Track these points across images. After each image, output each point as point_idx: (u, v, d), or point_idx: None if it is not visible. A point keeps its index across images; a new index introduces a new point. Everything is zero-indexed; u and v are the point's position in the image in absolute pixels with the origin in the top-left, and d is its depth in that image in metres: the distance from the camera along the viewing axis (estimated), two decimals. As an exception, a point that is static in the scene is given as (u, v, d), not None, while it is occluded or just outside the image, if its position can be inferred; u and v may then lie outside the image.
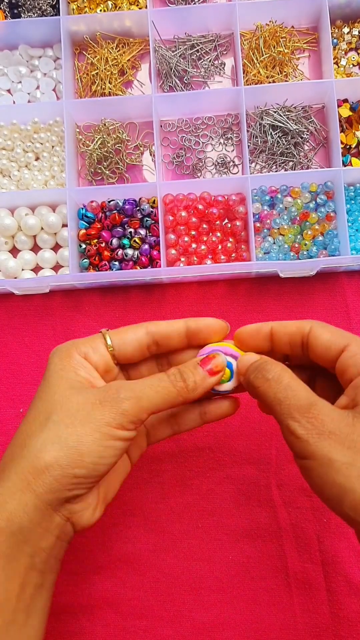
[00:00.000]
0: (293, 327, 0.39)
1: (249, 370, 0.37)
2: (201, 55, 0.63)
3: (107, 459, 0.35)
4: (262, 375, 0.36)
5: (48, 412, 0.36)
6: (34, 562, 0.34)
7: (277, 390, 0.35)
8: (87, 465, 0.34)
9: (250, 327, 0.40)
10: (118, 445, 0.35)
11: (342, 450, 0.32)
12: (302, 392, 0.35)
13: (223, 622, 0.51)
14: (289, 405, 0.34)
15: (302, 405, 0.34)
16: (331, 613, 0.50)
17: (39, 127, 0.61)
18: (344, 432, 0.32)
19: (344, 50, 0.62)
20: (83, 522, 0.37)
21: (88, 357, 0.39)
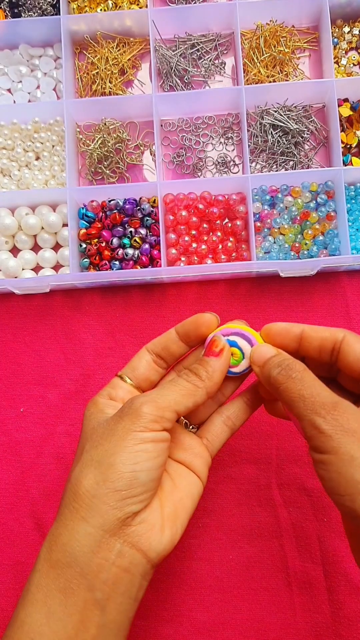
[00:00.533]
0: (326, 332, 0.39)
1: (269, 364, 0.38)
2: (201, 55, 0.63)
3: (144, 463, 0.34)
4: (287, 372, 0.36)
5: (82, 447, 0.37)
6: (95, 597, 0.32)
7: (302, 388, 0.35)
8: (124, 476, 0.33)
9: (280, 326, 0.40)
10: (149, 448, 0.34)
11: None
12: (326, 391, 0.35)
13: (223, 622, 0.51)
14: (313, 402, 0.34)
15: (327, 402, 0.34)
16: (332, 612, 0.50)
17: (40, 127, 0.61)
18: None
19: (345, 50, 0.62)
20: (152, 545, 0.34)
21: (112, 396, 0.40)
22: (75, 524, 0.33)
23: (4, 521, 0.54)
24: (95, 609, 0.32)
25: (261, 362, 0.39)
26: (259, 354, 0.39)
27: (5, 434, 0.56)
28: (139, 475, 0.34)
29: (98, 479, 0.33)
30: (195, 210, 0.58)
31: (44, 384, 0.57)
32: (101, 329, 0.58)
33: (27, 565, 0.53)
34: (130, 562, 0.33)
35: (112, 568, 0.33)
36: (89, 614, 0.32)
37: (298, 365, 0.37)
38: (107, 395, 0.41)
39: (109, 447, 0.34)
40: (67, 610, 0.32)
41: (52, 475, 0.55)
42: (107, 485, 0.33)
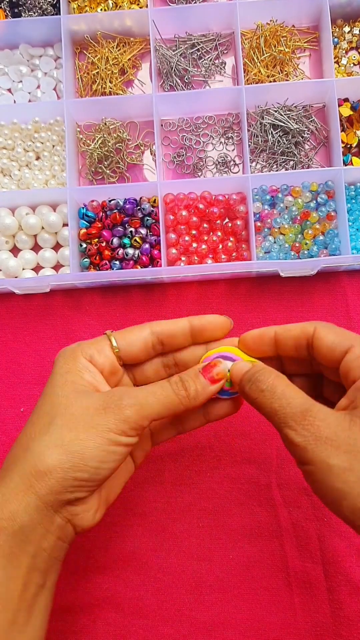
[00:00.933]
0: (297, 330, 0.39)
1: (242, 380, 0.37)
2: (202, 55, 0.63)
3: (109, 464, 0.36)
4: (256, 386, 0.36)
5: (51, 416, 0.36)
6: (35, 562, 0.35)
7: (272, 400, 0.35)
8: (89, 470, 0.35)
9: (254, 333, 0.40)
10: (120, 451, 0.36)
11: (339, 455, 0.32)
12: (296, 399, 0.35)
13: (223, 622, 0.51)
14: (284, 414, 0.34)
15: (297, 412, 0.34)
16: (332, 612, 0.50)
17: (40, 127, 0.61)
18: (341, 437, 0.32)
19: (345, 50, 0.62)
20: (84, 523, 0.37)
21: (93, 359, 0.39)
22: (26, 496, 0.34)
23: (4, 521, 0.54)
24: (35, 572, 0.35)
25: (237, 380, 0.38)
26: (236, 371, 0.39)
27: (5, 434, 0.56)
28: (101, 472, 0.35)
29: (64, 465, 0.34)
30: (195, 210, 0.58)
31: (44, 384, 0.56)
32: (101, 329, 0.58)
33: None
34: (65, 534, 0.36)
35: (51, 537, 0.35)
36: (31, 578, 0.35)
37: (266, 376, 0.36)
38: (89, 357, 0.39)
39: (83, 438, 0.35)
40: (10, 575, 0.34)
41: (53, 475, 0.55)
42: (69, 472, 0.34)
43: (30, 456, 0.35)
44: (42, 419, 0.36)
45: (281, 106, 0.60)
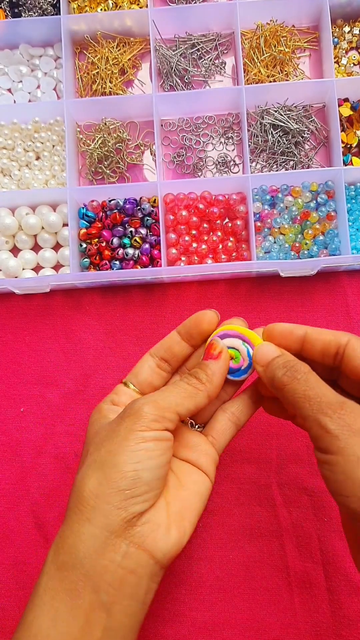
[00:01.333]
0: (330, 336, 0.38)
1: (273, 365, 0.37)
2: (202, 55, 0.63)
3: (146, 462, 0.34)
4: (292, 373, 0.36)
5: (85, 452, 0.37)
6: (100, 600, 0.32)
7: (307, 388, 0.35)
8: (127, 475, 0.33)
9: (283, 327, 0.40)
10: (151, 447, 0.34)
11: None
12: (331, 392, 0.35)
13: (223, 622, 0.51)
14: (319, 402, 0.34)
15: (333, 402, 0.34)
16: (332, 612, 0.50)
17: (40, 127, 0.61)
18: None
19: (345, 50, 0.62)
20: (159, 546, 0.34)
21: (115, 402, 0.40)
22: (80, 525, 0.33)
23: (4, 521, 0.54)
24: (100, 612, 0.32)
25: (265, 362, 0.38)
26: (262, 353, 0.39)
27: (5, 434, 0.56)
28: (141, 474, 0.33)
29: (101, 479, 0.33)
30: (195, 210, 0.58)
31: (44, 384, 0.57)
32: (101, 329, 0.58)
33: (27, 564, 0.53)
34: (137, 564, 0.33)
35: (118, 569, 0.32)
36: (94, 617, 0.32)
37: (303, 367, 0.36)
38: (110, 402, 0.40)
39: (111, 448, 0.34)
40: (73, 612, 0.32)
41: (52, 475, 0.55)
42: (110, 485, 0.33)
43: (74, 489, 0.34)
44: (81, 461, 0.37)
45: (281, 106, 0.60)
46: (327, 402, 0.34)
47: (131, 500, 0.33)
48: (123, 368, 0.57)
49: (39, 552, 0.53)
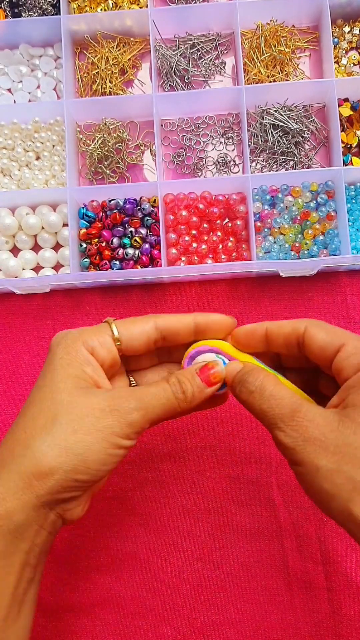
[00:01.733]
0: (288, 327, 0.38)
1: (234, 382, 0.37)
2: (202, 55, 0.63)
3: (110, 466, 0.35)
4: (246, 387, 0.36)
5: (53, 413, 0.35)
6: (28, 558, 0.35)
7: (261, 402, 0.35)
8: (90, 472, 0.34)
9: (246, 328, 0.40)
10: (121, 453, 0.36)
11: (327, 456, 0.31)
12: (285, 399, 0.34)
13: (223, 622, 0.51)
14: (273, 415, 0.34)
15: (285, 413, 0.34)
16: (332, 612, 0.50)
17: (40, 127, 0.61)
18: (329, 437, 0.32)
19: (345, 50, 0.62)
20: (73, 517, 0.37)
21: (95, 351, 0.38)
22: (24, 495, 0.33)
23: (4, 521, 0.54)
24: (28, 568, 0.35)
25: (229, 382, 0.38)
26: (229, 372, 0.38)
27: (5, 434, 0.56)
28: (100, 474, 0.35)
29: (65, 467, 0.34)
30: (195, 210, 0.58)
31: (44, 384, 0.57)
32: (101, 329, 0.58)
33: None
34: (55, 528, 0.36)
35: (44, 533, 0.35)
36: (24, 574, 0.35)
37: (256, 376, 0.36)
38: (91, 348, 0.37)
39: (88, 441, 0.34)
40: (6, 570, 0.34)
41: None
42: (70, 474, 0.34)
43: (30, 454, 0.34)
44: (43, 415, 0.35)
45: (281, 106, 0.60)
46: (280, 415, 0.34)
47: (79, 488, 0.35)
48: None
49: None
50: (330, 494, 0.31)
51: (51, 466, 0.33)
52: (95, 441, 0.34)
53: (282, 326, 0.38)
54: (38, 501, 0.34)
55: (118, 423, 0.35)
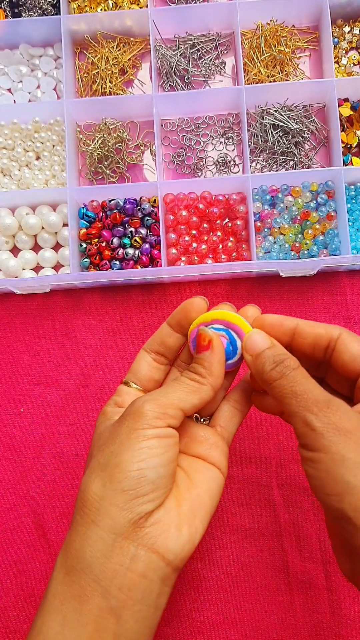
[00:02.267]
0: (321, 329, 0.38)
1: (263, 357, 0.36)
2: (202, 55, 0.63)
3: (150, 461, 0.33)
4: (280, 369, 0.35)
5: (90, 456, 0.36)
6: (110, 605, 0.31)
7: (294, 384, 0.34)
8: (131, 474, 0.32)
9: (274, 318, 0.39)
10: (154, 444, 0.33)
11: (356, 450, 0.31)
12: (319, 389, 0.34)
13: (223, 622, 0.51)
14: (306, 399, 0.33)
15: (320, 400, 0.33)
16: (332, 612, 0.50)
17: (40, 127, 0.61)
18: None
19: (345, 50, 0.62)
20: (169, 547, 0.32)
21: (119, 403, 0.39)
22: (86, 528, 0.32)
23: (4, 521, 0.54)
24: (110, 617, 0.31)
25: (254, 352, 0.37)
26: (253, 342, 0.37)
27: (5, 434, 0.56)
28: (146, 473, 0.32)
29: (105, 481, 0.32)
30: (195, 210, 0.58)
31: (44, 384, 0.57)
32: (101, 329, 0.58)
33: (27, 565, 0.53)
34: (147, 566, 0.32)
35: (127, 573, 0.31)
36: (104, 623, 0.31)
37: (292, 362, 0.35)
38: (114, 404, 0.39)
39: (113, 449, 0.33)
40: (82, 618, 0.31)
41: (52, 475, 0.55)
42: (114, 487, 0.32)
43: (79, 493, 0.33)
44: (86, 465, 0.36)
45: (281, 106, 0.60)
46: (314, 400, 0.33)
47: (137, 501, 0.32)
48: (123, 368, 0.57)
49: (39, 553, 0.53)
50: (350, 486, 0.31)
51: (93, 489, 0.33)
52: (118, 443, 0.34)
53: (314, 327, 0.38)
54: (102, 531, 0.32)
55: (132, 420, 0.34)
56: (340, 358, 0.37)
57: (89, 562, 0.31)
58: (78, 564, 0.31)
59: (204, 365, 0.37)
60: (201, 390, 0.36)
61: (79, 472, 0.55)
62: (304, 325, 0.38)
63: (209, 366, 0.37)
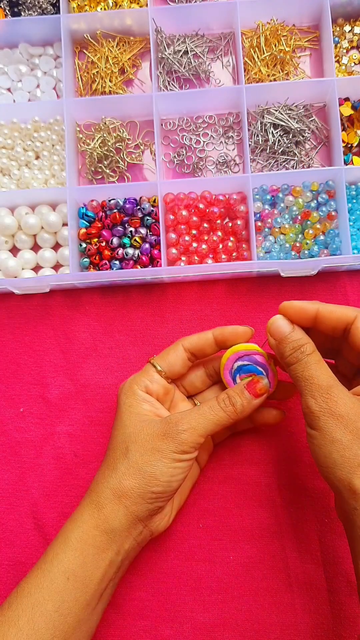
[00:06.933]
0: (339, 313, 0.43)
1: (284, 342, 0.43)
2: (202, 54, 0.63)
3: (178, 476, 0.44)
4: (297, 355, 0.42)
5: (126, 443, 0.44)
6: (115, 559, 0.43)
7: (305, 370, 0.41)
8: (162, 484, 0.43)
9: (295, 305, 0.44)
10: (184, 465, 0.44)
11: (344, 433, 0.38)
12: (325, 374, 0.41)
13: (224, 622, 0.51)
14: (311, 384, 0.40)
15: (322, 385, 0.40)
16: (332, 613, 0.50)
17: (39, 126, 0.61)
18: (351, 418, 0.39)
19: (346, 49, 0.62)
20: (159, 528, 0.46)
21: (149, 388, 0.47)
22: (116, 505, 0.43)
23: (3, 521, 0.54)
24: (113, 568, 0.43)
25: (278, 337, 0.44)
26: (277, 327, 0.44)
27: (5, 434, 0.56)
28: (172, 484, 0.43)
29: (140, 483, 0.43)
30: (195, 209, 0.58)
31: (43, 384, 0.57)
32: (101, 329, 0.58)
33: (26, 565, 0.53)
34: (143, 539, 0.46)
35: (132, 541, 0.44)
36: (108, 571, 0.43)
37: (308, 347, 0.42)
38: (145, 388, 0.47)
39: (152, 460, 0.43)
40: (97, 563, 0.42)
41: (52, 475, 0.55)
42: (147, 489, 0.43)
43: (115, 476, 0.43)
44: (120, 446, 0.44)
45: (282, 105, 0.60)
46: (318, 385, 0.40)
47: (159, 499, 0.44)
48: (123, 368, 0.57)
49: (39, 553, 0.53)
50: (337, 463, 0.38)
51: (127, 486, 0.43)
52: (159, 459, 0.43)
53: (334, 311, 0.43)
54: (128, 511, 0.43)
55: (172, 444, 0.43)
56: (354, 338, 0.42)
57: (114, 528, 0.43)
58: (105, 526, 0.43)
59: (244, 403, 0.45)
60: (227, 421, 0.44)
61: (79, 472, 0.55)
62: (324, 311, 0.43)
63: (247, 406, 0.45)
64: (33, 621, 0.39)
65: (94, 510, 0.43)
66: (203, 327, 0.57)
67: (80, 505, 0.45)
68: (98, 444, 0.55)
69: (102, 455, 0.48)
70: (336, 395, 0.39)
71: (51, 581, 0.41)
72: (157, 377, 0.47)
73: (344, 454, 0.38)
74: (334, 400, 0.39)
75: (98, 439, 0.55)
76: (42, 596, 0.40)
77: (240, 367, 0.48)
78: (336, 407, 0.39)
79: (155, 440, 0.43)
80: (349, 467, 0.38)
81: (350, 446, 0.38)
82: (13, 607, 0.40)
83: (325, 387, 0.40)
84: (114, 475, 0.43)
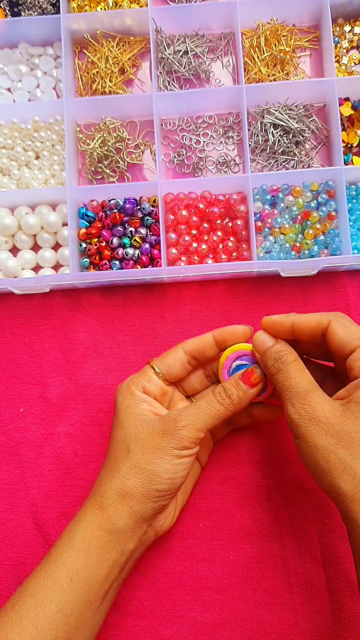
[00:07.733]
0: (313, 322, 0.43)
1: (267, 355, 0.44)
2: (202, 54, 0.62)
3: (180, 473, 0.44)
4: (278, 365, 0.42)
5: (127, 443, 0.44)
6: (119, 560, 0.43)
7: (286, 379, 0.41)
8: (165, 482, 0.43)
9: (273, 319, 0.45)
10: (186, 461, 0.44)
11: (326, 438, 0.38)
12: (304, 381, 0.41)
13: (224, 623, 0.51)
14: (291, 392, 0.40)
15: (301, 392, 0.40)
16: (332, 613, 0.50)
17: (39, 126, 0.61)
18: (331, 423, 0.38)
19: (346, 49, 0.62)
20: (164, 528, 0.47)
21: (146, 389, 0.47)
22: (120, 505, 0.43)
23: (3, 521, 0.54)
24: (116, 568, 0.43)
25: (261, 350, 0.45)
26: (259, 341, 0.45)
27: (5, 434, 0.56)
28: (175, 481, 0.44)
29: (143, 482, 0.43)
30: (195, 209, 0.58)
31: (43, 384, 0.57)
32: (101, 329, 0.58)
33: (26, 565, 0.53)
34: (148, 538, 0.46)
35: (136, 541, 0.44)
36: (112, 571, 0.43)
37: (289, 357, 0.43)
38: (142, 388, 0.47)
39: (154, 458, 0.43)
40: (101, 563, 0.42)
41: (52, 475, 0.55)
42: (151, 487, 0.43)
43: (118, 476, 0.43)
44: (121, 446, 0.45)
45: (282, 105, 0.60)
46: (296, 393, 0.40)
47: (163, 497, 0.44)
48: (123, 368, 0.57)
49: (39, 553, 0.53)
50: (324, 470, 0.38)
51: (130, 486, 0.43)
52: (160, 457, 0.43)
53: (308, 321, 0.43)
54: (132, 511, 0.43)
55: (172, 440, 0.43)
56: (330, 344, 0.42)
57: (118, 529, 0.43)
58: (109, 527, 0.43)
59: (239, 394, 0.45)
60: (225, 415, 0.44)
61: (79, 472, 0.55)
62: (299, 322, 0.44)
63: (243, 397, 0.45)
64: (36, 621, 0.39)
65: (98, 510, 0.43)
66: (203, 327, 0.57)
67: (84, 506, 0.45)
68: (98, 444, 0.55)
69: (102, 455, 0.48)
70: (314, 400, 0.39)
71: (55, 581, 0.41)
72: (155, 379, 0.48)
73: (329, 459, 0.38)
74: (312, 406, 0.39)
75: (98, 439, 0.55)
76: (46, 596, 0.40)
77: (238, 366, 0.48)
78: (314, 412, 0.39)
79: (156, 439, 0.43)
80: (335, 472, 0.37)
81: (334, 450, 0.38)
82: (16, 607, 0.40)
83: (303, 394, 0.40)
84: (116, 476, 0.44)
